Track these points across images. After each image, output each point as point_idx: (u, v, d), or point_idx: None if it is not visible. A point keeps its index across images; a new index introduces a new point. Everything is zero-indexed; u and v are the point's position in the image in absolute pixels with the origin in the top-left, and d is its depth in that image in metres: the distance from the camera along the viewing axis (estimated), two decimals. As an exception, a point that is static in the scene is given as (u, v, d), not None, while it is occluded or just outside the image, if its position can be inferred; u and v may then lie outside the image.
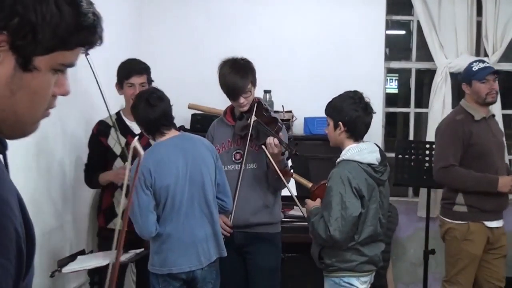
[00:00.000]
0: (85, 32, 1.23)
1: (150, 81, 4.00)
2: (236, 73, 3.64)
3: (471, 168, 4.32)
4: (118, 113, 4.06)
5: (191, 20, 5.67)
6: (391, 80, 6.25)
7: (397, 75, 6.23)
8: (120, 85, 3.97)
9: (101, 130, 3.99)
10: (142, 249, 3.51)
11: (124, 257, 3.56)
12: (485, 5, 5.51)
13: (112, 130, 3.92)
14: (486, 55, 5.57)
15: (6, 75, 1.16)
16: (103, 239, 3.99)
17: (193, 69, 5.35)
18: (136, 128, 3.90)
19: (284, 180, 3.65)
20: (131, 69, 3.93)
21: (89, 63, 3.24)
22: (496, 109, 5.51)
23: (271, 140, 3.57)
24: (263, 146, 3.62)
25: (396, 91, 6.30)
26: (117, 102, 4.14)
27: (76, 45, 1.23)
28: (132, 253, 3.61)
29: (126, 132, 3.97)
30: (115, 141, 3.91)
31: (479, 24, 5.60)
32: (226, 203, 3.57)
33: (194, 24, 5.66)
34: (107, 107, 3.69)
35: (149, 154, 3.37)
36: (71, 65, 1.26)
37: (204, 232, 3.39)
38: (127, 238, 3.77)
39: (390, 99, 6.14)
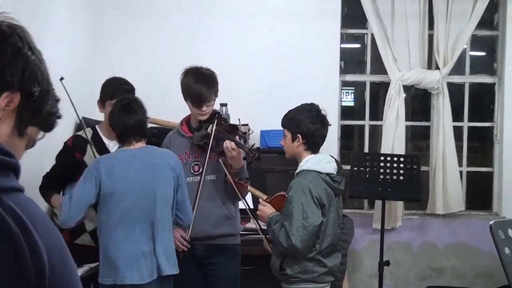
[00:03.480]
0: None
1: None
2: (203, 83, 3.75)
3: None
4: (94, 129, 4.01)
5: (148, 34, 5.75)
6: (347, 93, 6.36)
7: (353, 88, 6.34)
8: (102, 103, 3.92)
9: (77, 145, 3.93)
10: (97, 263, 3.50)
11: (79, 272, 3.56)
12: (437, 19, 5.71)
13: (89, 147, 3.91)
14: (437, 68, 5.76)
15: (4, 134, 1.25)
16: None
17: (149, 83, 5.37)
18: (113, 147, 3.89)
19: (238, 192, 3.72)
20: (116, 90, 3.86)
21: (63, 86, 3.30)
22: (447, 121, 5.68)
23: (227, 143, 3.63)
24: (220, 160, 3.68)
25: (352, 104, 6.41)
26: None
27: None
28: (86, 267, 3.62)
29: (103, 150, 3.90)
30: (91, 158, 3.88)
31: (430, 38, 5.80)
32: (182, 221, 3.61)
33: (150, 38, 5.75)
34: (84, 127, 3.80)
35: (106, 157, 3.49)
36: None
37: (149, 247, 3.42)
38: (83, 252, 3.80)
39: (347, 112, 6.25)
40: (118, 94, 3.84)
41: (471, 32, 5.73)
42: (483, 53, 6.34)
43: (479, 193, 6.18)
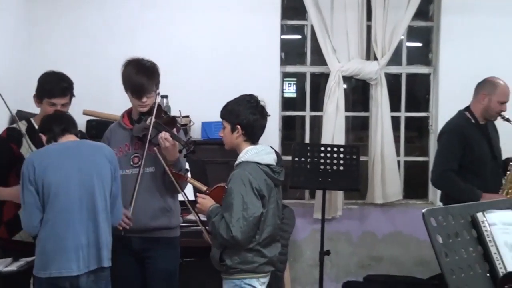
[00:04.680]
0: None
1: (72, 97, 3.91)
2: (143, 74, 3.75)
3: None
4: (29, 122, 3.96)
5: (85, 25, 5.71)
6: (289, 84, 6.43)
7: (295, 79, 6.40)
8: (39, 100, 3.87)
9: (12, 136, 3.88)
10: (33, 258, 3.46)
11: (14, 266, 3.55)
12: (375, 10, 5.82)
13: (25, 139, 3.85)
14: (375, 58, 5.86)
15: None
16: (6, 251, 3.86)
17: (87, 76, 5.32)
18: None
19: (176, 183, 3.75)
20: (55, 90, 3.82)
21: None
22: (385, 112, 5.79)
23: (162, 134, 3.64)
24: (155, 148, 3.69)
25: (294, 95, 6.47)
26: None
27: None
28: (23, 261, 3.59)
29: (38, 143, 3.77)
30: (27, 150, 3.82)
31: (369, 29, 5.90)
32: (111, 216, 3.57)
33: (88, 29, 5.71)
34: (17, 120, 3.79)
35: (36, 152, 3.49)
36: None
37: (87, 238, 3.41)
38: (22, 249, 3.74)
39: (289, 103, 6.33)
40: (56, 93, 3.82)
41: (407, 23, 5.85)
42: (419, 44, 6.47)
43: (416, 182, 6.33)
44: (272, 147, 3.66)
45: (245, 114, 3.48)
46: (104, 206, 3.47)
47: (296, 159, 5.26)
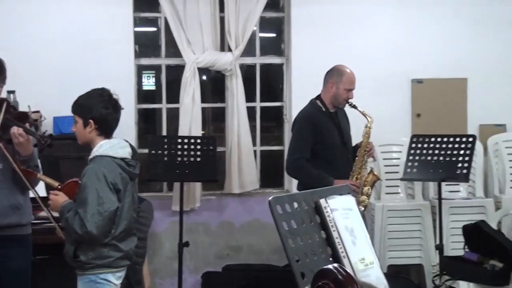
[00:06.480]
0: None
1: None
2: None
3: None
4: None
5: None
6: (148, 77, 6.46)
7: (154, 72, 6.43)
8: None
9: None
10: None
11: None
12: (227, 2, 5.93)
13: None
14: (230, 50, 5.98)
15: None
16: None
17: None
18: None
19: (26, 180, 3.68)
20: None
21: None
22: (240, 102, 5.94)
23: (14, 130, 3.58)
24: (0, 144, 3.62)
25: (154, 87, 6.51)
26: None
27: None
28: None
29: None
30: None
31: (222, 20, 6.00)
32: None
33: None
34: None
35: None
36: None
37: None
38: None
39: (149, 96, 6.36)
40: None
41: (259, 14, 5.98)
42: (272, 35, 6.65)
43: (273, 171, 6.50)
44: (127, 141, 3.69)
45: (97, 108, 3.49)
46: None
47: (153, 151, 5.30)
